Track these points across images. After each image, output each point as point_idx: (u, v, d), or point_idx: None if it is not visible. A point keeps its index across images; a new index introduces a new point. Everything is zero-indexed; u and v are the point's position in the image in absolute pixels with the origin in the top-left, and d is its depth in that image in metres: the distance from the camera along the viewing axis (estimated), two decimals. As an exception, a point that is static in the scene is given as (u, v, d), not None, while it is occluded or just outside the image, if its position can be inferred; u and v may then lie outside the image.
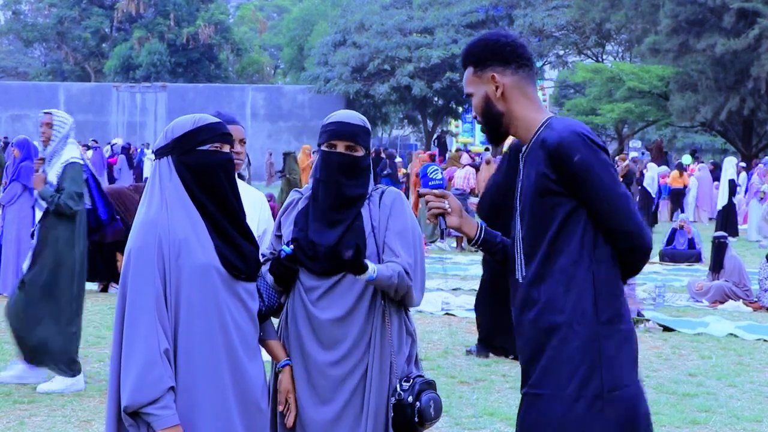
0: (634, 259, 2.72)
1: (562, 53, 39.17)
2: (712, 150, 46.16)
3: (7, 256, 9.78)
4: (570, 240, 2.65)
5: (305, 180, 18.86)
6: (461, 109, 41.81)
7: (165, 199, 2.85)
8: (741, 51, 27.17)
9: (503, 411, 6.04)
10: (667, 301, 10.80)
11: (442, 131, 42.83)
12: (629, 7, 31.88)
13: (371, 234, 3.20)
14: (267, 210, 4.43)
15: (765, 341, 8.78)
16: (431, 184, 2.97)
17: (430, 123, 42.09)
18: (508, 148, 7.06)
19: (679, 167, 24.08)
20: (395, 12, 38.95)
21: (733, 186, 18.89)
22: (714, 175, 23.85)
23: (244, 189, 3.88)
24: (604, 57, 40.22)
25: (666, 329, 9.13)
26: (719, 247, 11.10)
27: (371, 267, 3.06)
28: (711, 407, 6.37)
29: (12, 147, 9.72)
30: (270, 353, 3.21)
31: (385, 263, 3.14)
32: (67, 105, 39.97)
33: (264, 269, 3.17)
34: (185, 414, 2.76)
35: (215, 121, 2.93)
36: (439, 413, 3.20)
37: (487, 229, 2.98)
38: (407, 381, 3.17)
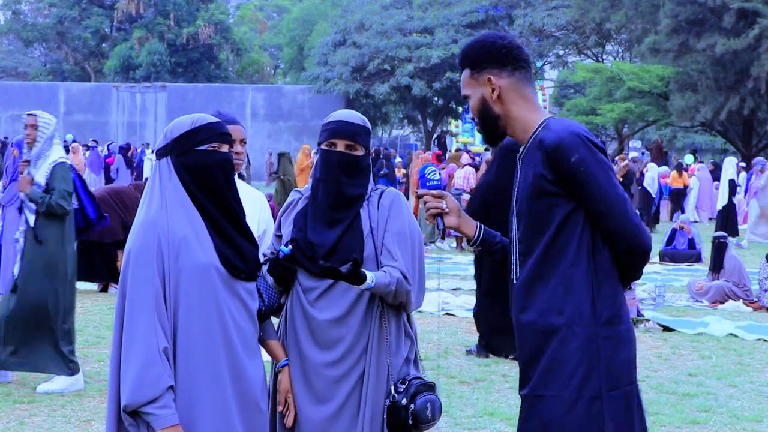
0: (631, 261, 2.72)
1: (562, 53, 39.13)
2: (712, 150, 46.15)
3: (7, 256, 9.76)
4: (568, 241, 2.65)
5: (301, 181, 18.78)
6: (461, 109, 41.71)
7: (165, 199, 2.85)
8: (741, 51, 27.14)
9: (503, 411, 6.04)
10: (667, 301, 10.80)
11: (442, 131, 42.76)
12: (629, 7, 31.85)
13: (369, 235, 3.19)
14: (267, 210, 4.42)
15: (765, 341, 8.78)
16: (429, 184, 2.97)
17: (430, 123, 42.06)
18: (498, 147, 7.05)
19: (679, 167, 24.06)
20: (395, 12, 38.91)
21: (733, 186, 18.88)
22: (714, 175, 23.85)
23: (244, 189, 3.89)
24: (604, 57, 40.19)
25: (666, 329, 9.13)
26: (719, 247, 11.10)
27: (369, 276, 3.03)
28: (711, 407, 6.37)
29: (12, 147, 9.71)
30: (270, 353, 3.21)
31: (383, 268, 3.13)
32: (67, 105, 40.01)
33: (264, 269, 3.17)
34: (185, 413, 2.76)
35: (213, 121, 2.93)
36: (438, 415, 3.16)
37: (487, 229, 2.99)
38: (403, 383, 3.14)
